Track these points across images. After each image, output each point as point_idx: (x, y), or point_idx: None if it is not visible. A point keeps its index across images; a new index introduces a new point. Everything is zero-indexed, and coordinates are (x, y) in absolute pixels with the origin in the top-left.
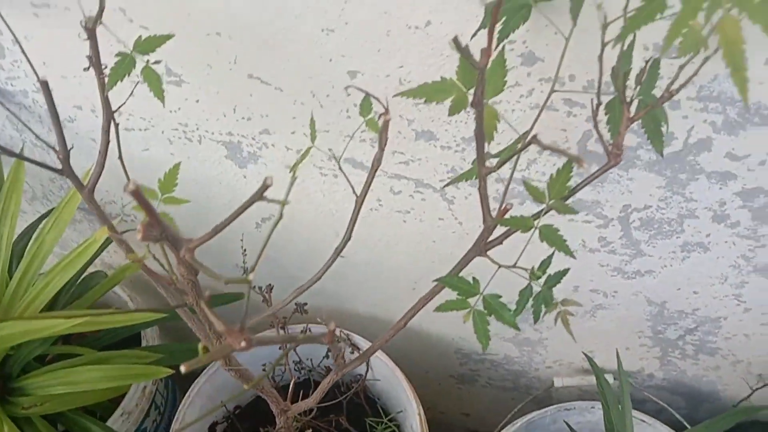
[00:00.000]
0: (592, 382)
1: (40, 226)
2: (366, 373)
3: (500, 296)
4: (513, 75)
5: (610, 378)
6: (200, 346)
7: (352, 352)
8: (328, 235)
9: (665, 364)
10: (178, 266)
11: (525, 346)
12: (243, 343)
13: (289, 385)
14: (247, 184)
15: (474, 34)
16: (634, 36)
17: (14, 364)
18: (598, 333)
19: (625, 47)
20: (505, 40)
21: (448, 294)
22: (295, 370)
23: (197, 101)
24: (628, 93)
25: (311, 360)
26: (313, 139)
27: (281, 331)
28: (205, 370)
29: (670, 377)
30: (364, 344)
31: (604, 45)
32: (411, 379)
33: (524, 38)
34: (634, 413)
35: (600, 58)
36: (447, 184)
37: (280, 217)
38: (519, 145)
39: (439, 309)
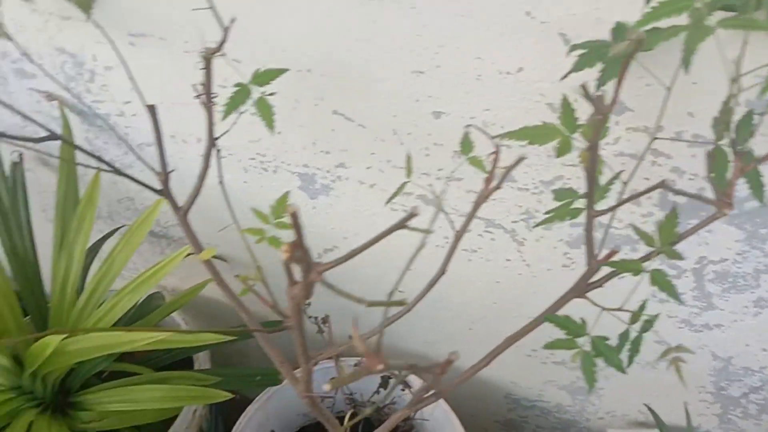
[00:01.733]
0: None
1: (113, 244)
2: (415, 412)
3: (608, 338)
4: None
5: None
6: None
7: (403, 390)
8: (388, 270)
9: (724, 422)
10: (290, 290)
11: (579, 394)
12: (380, 366)
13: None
14: (316, 215)
15: (564, 76)
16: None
17: (75, 378)
18: (657, 385)
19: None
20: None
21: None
22: (345, 402)
23: (279, 133)
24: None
25: (361, 394)
26: (409, 174)
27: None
28: (257, 398)
29: None
30: (415, 382)
31: (731, 96)
32: None
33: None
34: None
35: (727, 106)
36: (538, 224)
37: (422, 246)
38: (637, 191)
39: (548, 346)
